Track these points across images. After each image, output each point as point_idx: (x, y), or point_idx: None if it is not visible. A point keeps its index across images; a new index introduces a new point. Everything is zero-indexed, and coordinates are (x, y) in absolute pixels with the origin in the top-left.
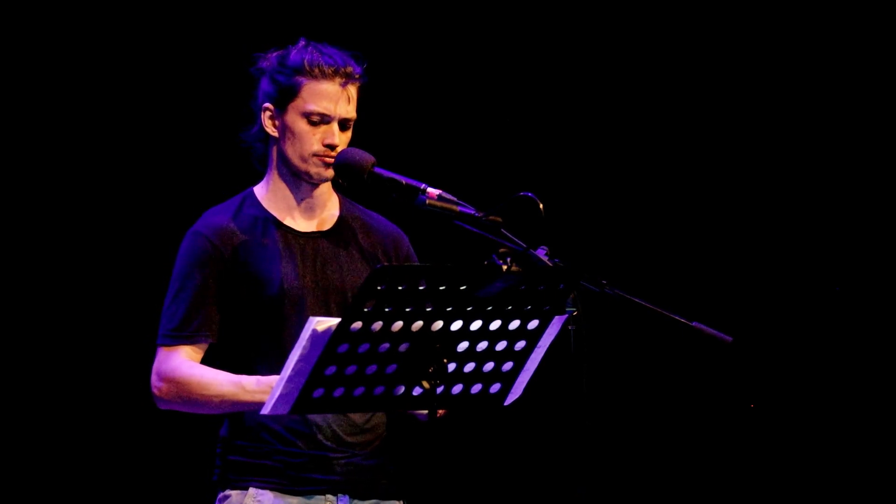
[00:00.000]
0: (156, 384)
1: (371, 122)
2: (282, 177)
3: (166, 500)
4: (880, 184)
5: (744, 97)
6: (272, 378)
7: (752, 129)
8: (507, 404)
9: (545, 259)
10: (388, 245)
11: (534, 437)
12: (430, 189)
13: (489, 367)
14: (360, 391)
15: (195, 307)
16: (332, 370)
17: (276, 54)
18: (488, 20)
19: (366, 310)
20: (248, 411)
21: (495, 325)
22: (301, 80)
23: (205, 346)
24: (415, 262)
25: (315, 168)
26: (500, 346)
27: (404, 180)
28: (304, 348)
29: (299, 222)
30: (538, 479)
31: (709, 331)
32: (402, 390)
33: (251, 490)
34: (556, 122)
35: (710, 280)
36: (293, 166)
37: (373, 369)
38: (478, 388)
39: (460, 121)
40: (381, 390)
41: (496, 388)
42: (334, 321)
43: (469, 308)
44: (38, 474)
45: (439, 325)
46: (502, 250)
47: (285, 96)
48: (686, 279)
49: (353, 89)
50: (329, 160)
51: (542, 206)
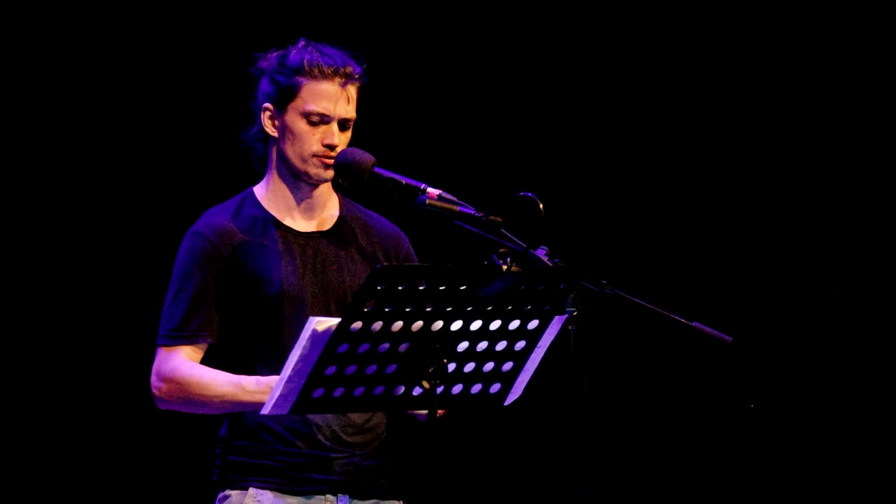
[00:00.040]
0: (155, 384)
1: (371, 122)
2: (281, 177)
3: (166, 500)
4: (880, 184)
5: (744, 97)
6: (272, 378)
7: (752, 129)
8: (507, 404)
9: (545, 259)
10: (387, 245)
11: (534, 437)
12: (430, 189)
13: (489, 367)
14: (360, 391)
15: (195, 307)
16: (332, 370)
17: (275, 54)
18: (488, 20)
19: (366, 310)
20: (247, 411)
21: (495, 325)
22: (301, 80)
23: (204, 346)
24: (415, 262)
25: (314, 169)
26: (500, 346)
27: (404, 180)
28: (304, 348)
29: (299, 222)
30: (538, 479)
31: (709, 331)
32: (402, 390)
33: (251, 490)
34: (556, 122)
35: (710, 280)
36: (293, 166)
37: (373, 369)
38: (478, 388)
39: (460, 121)
40: (381, 390)
41: (496, 388)
42: (334, 321)
43: (469, 308)
44: (38, 474)
45: (439, 325)
46: (502, 250)
47: (285, 96)
48: (686, 279)
49: (352, 89)
50: (329, 161)
51: (542, 206)
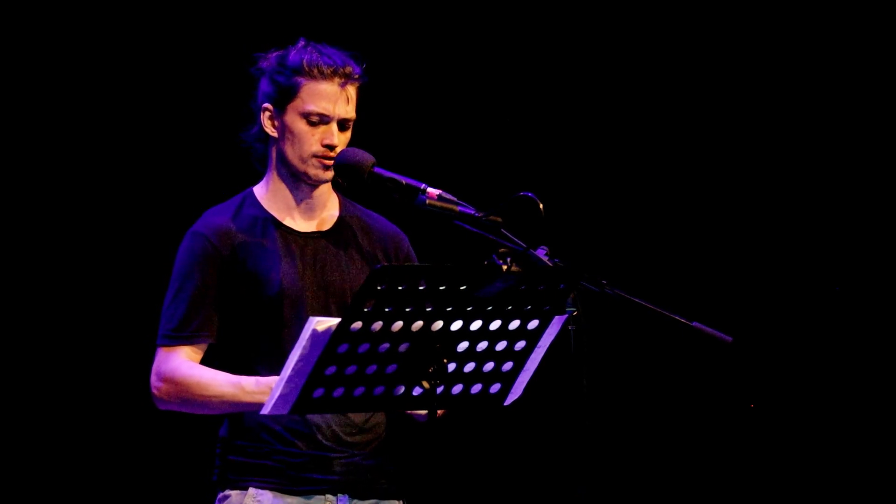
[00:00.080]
0: (155, 384)
1: (371, 122)
2: (281, 177)
3: (166, 500)
4: (880, 184)
5: (744, 97)
6: (271, 379)
7: (752, 130)
8: (507, 404)
9: (545, 259)
10: (387, 245)
11: (534, 437)
12: (430, 189)
13: (489, 367)
14: (360, 391)
15: (195, 307)
16: (332, 370)
17: (275, 55)
18: (488, 20)
19: (366, 310)
20: (247, 411)
21: (495, 325)
22: (300, 80)
23: (204, 346)
24: (415, 262)
25: (313, 170)
26: (500, 346)
27: (404, 180)
28: (304, 348)
29: (299, 222)
30: (538, 479)
31: (709, 331)
32: (402, 390)
33: (251, 490)
34: (555, 122)
35: (710, 280)
36: (292, 167)
37: (373, 369)
38: (478, 388)
39: (460, 121)
40: (381, 390)
41: (496, 388)
42: (334, 321)
43: (469, 308)
44: (38, 474)
45: (439, 325)
46: (502, 250)
47: (284, 97)
48: (686, 279)
49: (352, 89)
50: (328, 161)
51: (542, 206)
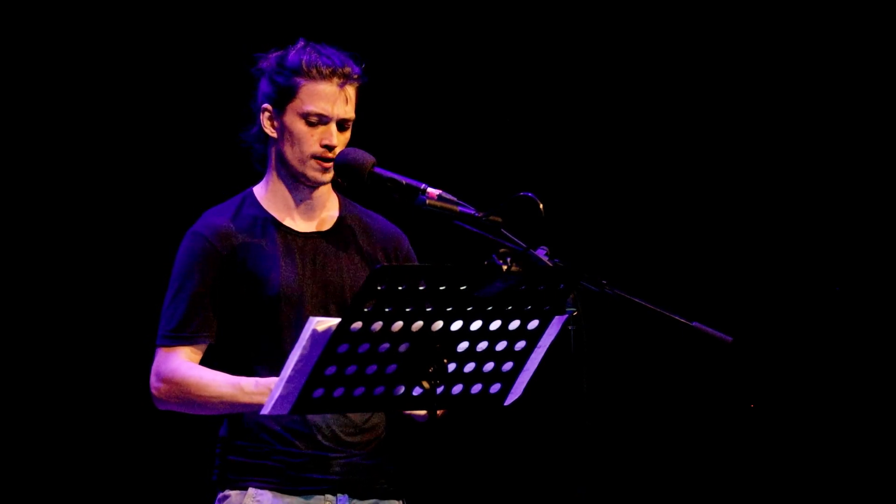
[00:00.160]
0: (155, 385)
1: (371, 122)
2: (281, 177)
3: (166, 500)
4: (880, 184)
5: (744, 97)
6: (271, 380)
7: (752, 129)
8: (507, 404)
9: (545, 259)
10: (387, 245)
11: (534, 437)
12: (430, 189)
13: (489, 367)
14: (360, 391)
15: (194, 308)
16: (332, 370)
17: (275, 55)
18: (488, 20)
19: (366, 310)
20: (247, 412)
21: (495, 325)
22: (299, 80)
23: (204, 346)
24: (414, 262)
25: (312, 172)
26: (501, 346)
27: (404, 180)
28: (304, 348)
29: (299, 223)
30: (538, 479)
31: (709, 331)
32: (402, 390)
33: (250, 490)
34: (555, 122)
35: (710, 280)
36: (291, 168)
37: (373, 369)
38: (478, 388)
39: (460, 121)
40: (381, 390)
41: (496, 388)
42: (334, 321)
43: (469, 308)
44: (38, 474)
45: (439, 325)
46: (502, 250)
47: (283, 97)
48: (686, 279)
49: (351, 90)
50: (327, 164)
51: (542, 206)
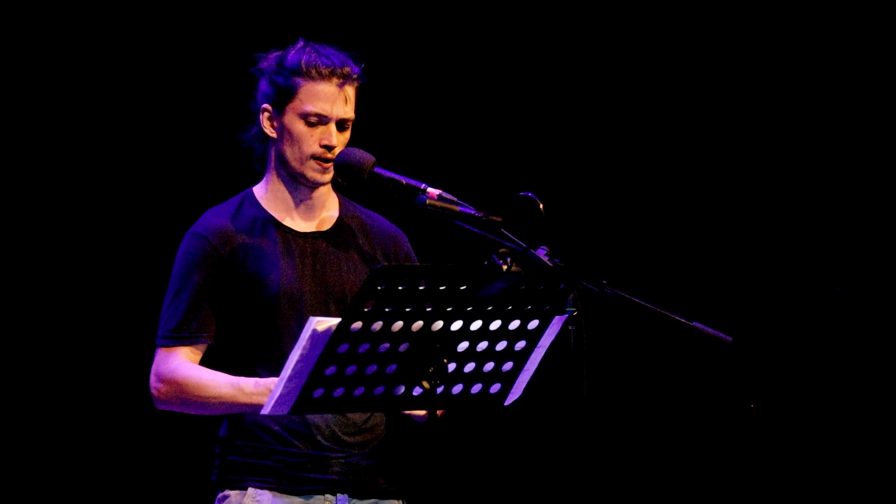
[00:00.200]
0: (154, 385)
1: (371, 122)
2: (280, 177)
3: (166, 500)
4: (880, 184)
5: (744, 97)
6: (270, 380)
7: (752, 129)
8: (507, 404)
9: (545, 259)
10: (387, 245)
11: (533, 437)
12: (430, 189)
13: (489, 367)
14: (360, 391)
15: (194, 308)
16: (332, 370)
17: (275, 55)
18: (488, 20)
19: (366, 310)
20: (247, 411)
21: (495, 325)
22: (298, 81)
23: (203, 347)
24: (414, 262)
25: (311, 172)
26: (501, 346)
27: (404, 180)
28: (304, 348)
29: (298, 223)
30: (537, 479)
31: (709, 331)
32: (402, 390)
33: (250, 490)
34: (555, 121)
35: (710, 280)
36: (291, 168)
37: (373, 369)
38: (478, 388)
39: (460, 121)
40: (381, 390)
41: (496, 388)
42: (334, 321)
43: (469, 308)
44: (38, 474)
45: (439, 325)
46: (502, 250)
47: (283, 97)
48: (686, 279)
49: (350, 90)
50: (326, 164)
51: (542, 206)
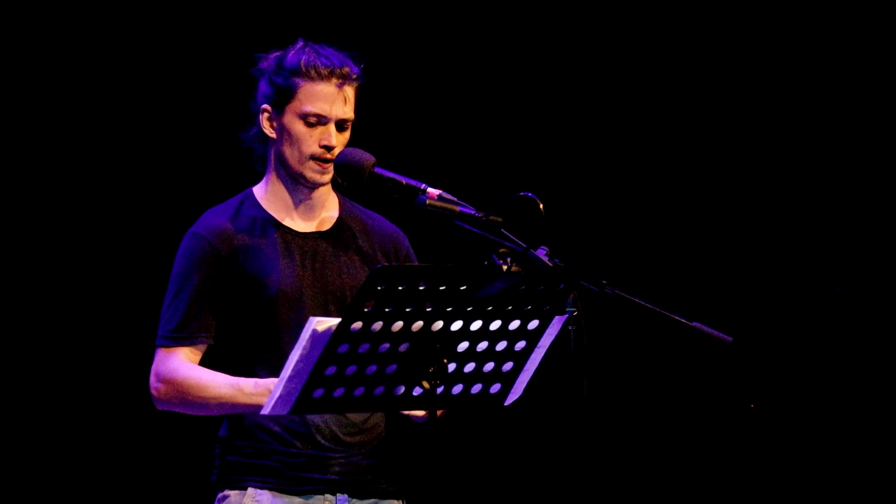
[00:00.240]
0: (154, 385)
1: (371, 122)
2: (280, 178)
3: (166, 500)
4: (880, 184)
5: (744, 97)
6: (270, 381)
7: (752, 130)
8: (507, 404)
9: (545, 259)
10: (387, 245)
11: (533, 437)
12: (430, 189)
13: (489, 367)
14: (360, 391)
15: (194, 309)
16: (332, 370)
17: (274, 55)
18: (488, 20)
19: (366, 310)
20: (247, 412)
21: (495, 325)
22: (298, 81)
23: (203, 347)
24: (414, 262)
25: (311, 172)
26: (501, 346)
27: (404, 180)
28: (304, 348)
29: (298, 223)
30: (537, 479)
31: (709, 331)
32: (403, 390)
33: (250, 490)
34: (555, 121)
35: (710, 280)
36: (290, 168)
37: (373, 369)
38: (478, 388)
39: (460, 121)
40: (381, 390)
41: (496, 388)
42: (334, 321)
43: (469, 308)
44: (38, 474)
45: (439, 325)
46: (502, 250)
47: (282, 98)
48: (686, 279)
49: (350, 90)
50: (326, 165)
51: (542, 206)
